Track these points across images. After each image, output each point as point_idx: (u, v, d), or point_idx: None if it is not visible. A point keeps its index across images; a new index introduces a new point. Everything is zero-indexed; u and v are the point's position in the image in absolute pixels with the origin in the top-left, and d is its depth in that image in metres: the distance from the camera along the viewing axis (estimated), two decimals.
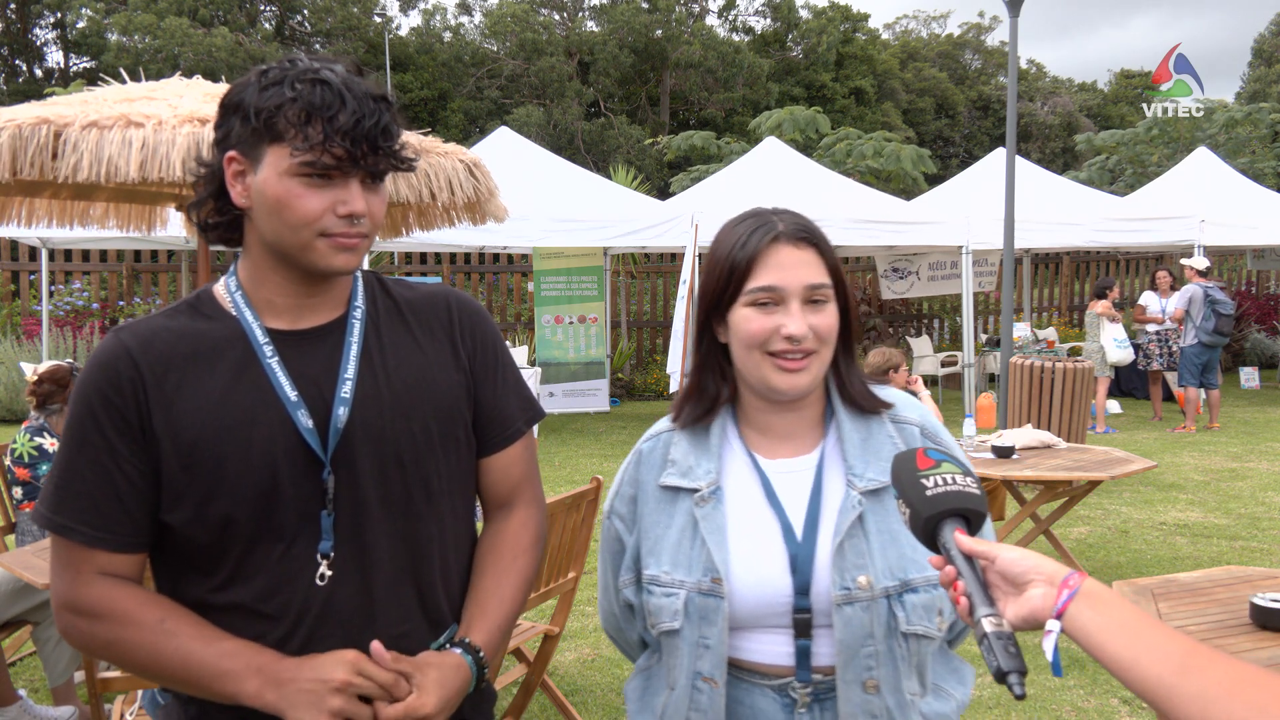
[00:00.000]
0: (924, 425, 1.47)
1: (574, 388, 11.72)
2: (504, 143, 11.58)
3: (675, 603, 1.40)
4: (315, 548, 1.32)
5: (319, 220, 1.28)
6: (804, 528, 1.40)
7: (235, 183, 1.32)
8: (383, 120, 1.28)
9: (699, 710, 1.40)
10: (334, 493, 1.32)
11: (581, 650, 4.39)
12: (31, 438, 4.33)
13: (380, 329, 1.41)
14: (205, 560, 1.32)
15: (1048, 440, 5.43)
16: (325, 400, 1.33)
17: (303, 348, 1.35)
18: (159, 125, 3.59)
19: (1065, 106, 36.84)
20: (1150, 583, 2.94)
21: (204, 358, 1.32)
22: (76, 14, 27.24)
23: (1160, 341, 10.65)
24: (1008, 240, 8.38)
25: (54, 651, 3.68)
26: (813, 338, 1.38)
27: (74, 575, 1.30)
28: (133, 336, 1.32)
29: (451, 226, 5.25)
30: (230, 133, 1.32)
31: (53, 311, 11.88)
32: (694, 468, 1.45)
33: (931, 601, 1.37)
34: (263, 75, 1.30)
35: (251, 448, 1.29)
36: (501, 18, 30.12)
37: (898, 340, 14.98)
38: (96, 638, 1.30)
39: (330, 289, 1.39)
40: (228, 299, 1.37)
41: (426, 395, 1.40)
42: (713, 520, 1.41)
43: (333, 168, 1.26)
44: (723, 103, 30.45)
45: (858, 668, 1.35)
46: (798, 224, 1.43)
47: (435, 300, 1.48)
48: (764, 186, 11.21)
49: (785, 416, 1.47)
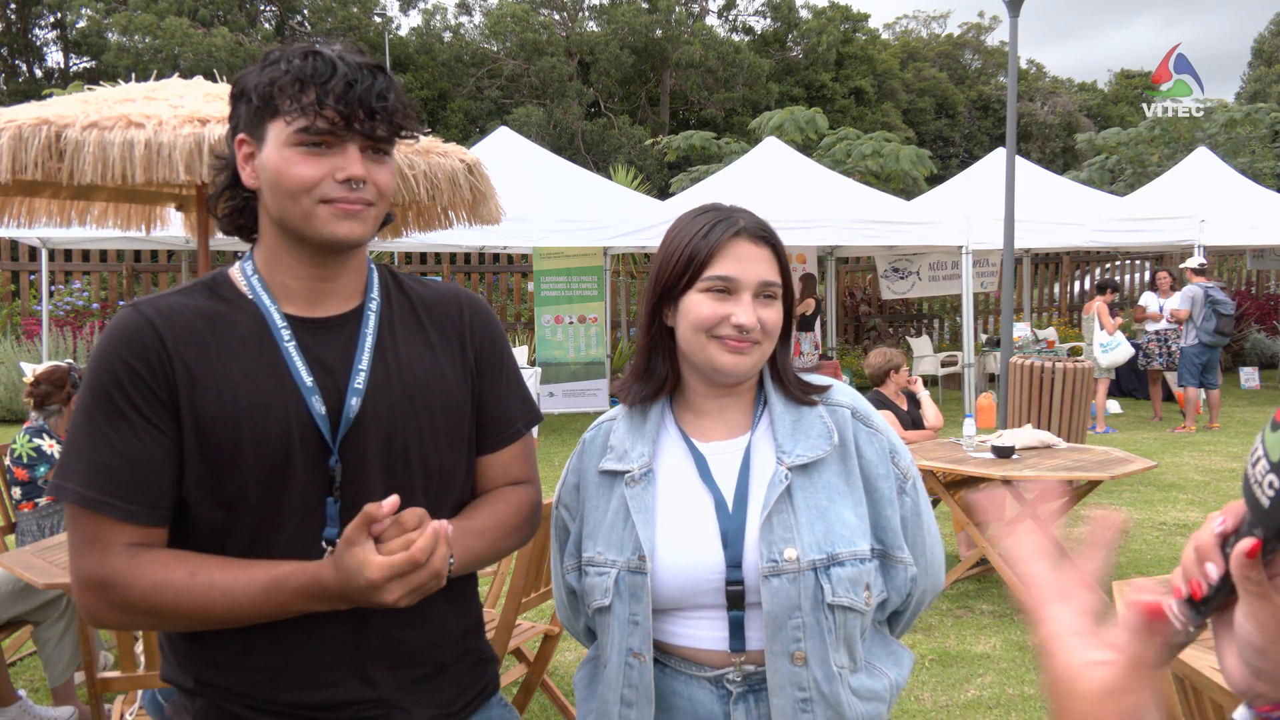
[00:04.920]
0: (855, 408, 1.51)
1: (574, 388, 11.72)
2: (504, 143, 11.58)
3: (606, 581, 1.45)
4: (320, 534, 1.32)
5: (318, 186, 1.29)
6: (734, 502, 1.45)
7: (245, 165, 1.35)
8: (377, 85, 1.29)
9: (631, 686, 1.45)
10: (340, 481, 1.33)
11: (581, 650, 4.40)
12: (31, 439, 4.34)
13: (394, 323, 1.43)
14: (211, 540, 1.32)
15: (1048, 440, 5.43)
16: (339, 389, 1.35)
17: (319, 335, 1.37)
18: (159, 125, 3.59)
19: (1065, 106, 36.84)
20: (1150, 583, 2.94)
21: (223, 338, 1.32)
22: (76, 14, 27.24)
23: (1160, 341, 10.64)
24: (1008, 240, 8.37)
25: (54, 651, 3.68)
26: (759, 330, 1.45)
27: (102, 552, 1.27)
28: (154, 311, 1.32)
29: (450, 227, 5.25)
30: (239, 118, 1.35)
31: (53, 311, 11.88)
32: (628, 451, 1.51)
33: (858, 575, 1.41)
34: (264, 59, 1.34)
35: (268, 430, 1.30)
36: (501, 18, 30.11)
37: (898, 340, 14.98)
38: (130, 607, 1.27)
39: (343, 271, 1.39)
40: (244, 282, 1.38)
41: (435, 391, 1.42)
42: (641, 500, 1.46)
43: (327, 132, 1.28)
44: (723, 103, 30.45)
45: (785, 639, 1.39)
46: (758, 223, 1.50)
47: (447, 298, 1.50)
48: (764, 186, 11.21)
49: (721, 401, 1.52)
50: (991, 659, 4.27)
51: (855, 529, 1.43)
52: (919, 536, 1.50)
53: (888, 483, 1.47)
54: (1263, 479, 0.73)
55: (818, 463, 1.44)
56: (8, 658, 4.04)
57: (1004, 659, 4.27)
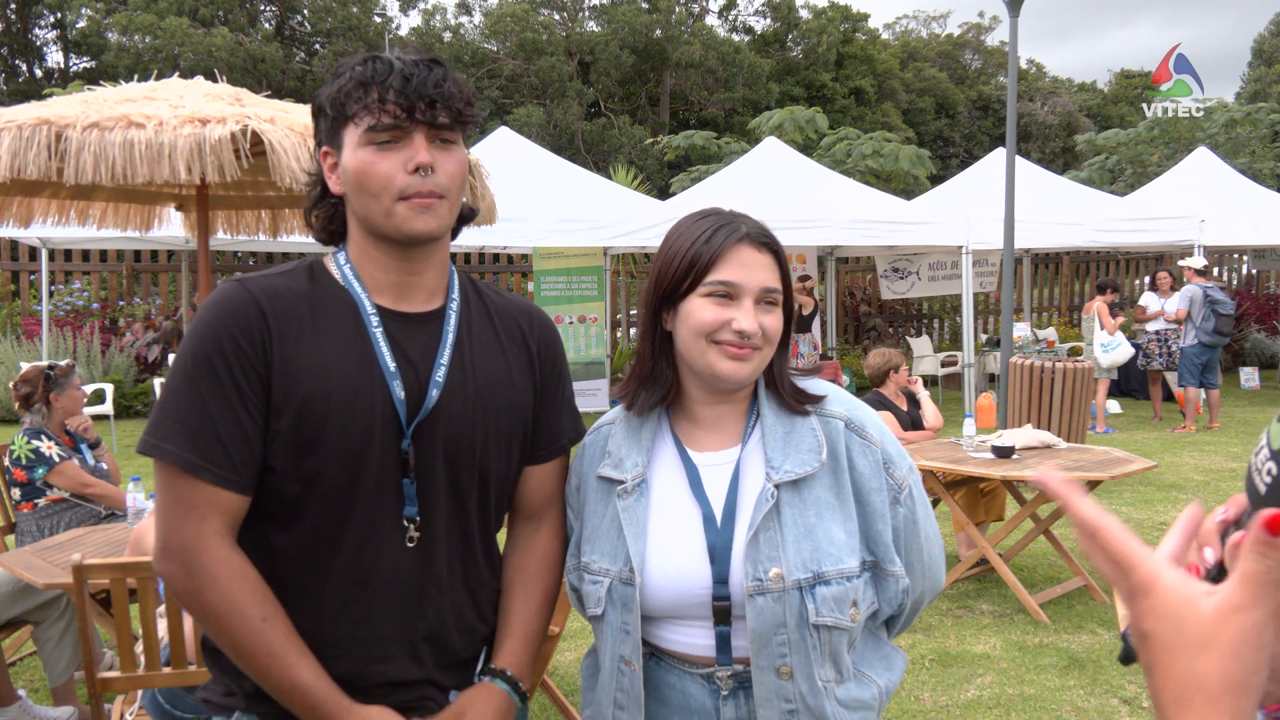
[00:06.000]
0: (849, 419, 1.50)
1: (574, 388, 11.68)
2: (504, 143, 11.57)
3: (599, 590, 1.48)
4: (399, 513, 1.41)
5: (394, 181, 1.36)
6: (723, 518, 1.46)
7: (330, 175, 1.44)
8: (433, 75, 1.36)
9: (622, 690, 1.48)
10: (414, 464, 1.41)
11: (581, 650, 4.39)
12: (29, 440, 4.34)
13: (471, 326, 1.51)
14: (286, 511, 1.38)
15: (1048, 440, 5.43)
16: (420, 380, 1.42)
17: (405, 327, 1.44)
18: (160, 126, 3.59)
19: (1065, 106, 36.84)
20: None
21: (319, 321, 1.40)
22: (76, 14, 27.24)
23: (1160, 341, 10.64)
24: (1008, 240, 8.37)
25: (54, 651, 3.68)
26: (760, 335, 1.45)
27: (199, 522, 1.33)
28: (259, 288, 1.39)
29: None
30: (321, 134, 1.45)
31: (53, 311, 11.88)
32: (624, 459, 1.52)
33: (844, 594, 1.41)
34: (334, 73, 1.43)
35: (355, 410, 1.37)
36: (501, 18, 30.11)
37: (898, 340, 14.98)
38: (196, 600, 1.33)
39: (427, 266, 1.46)
40: (337, 272, 1.46)
41: (503, 396, 1.50)
42: (633, 513, 1.48)
43: (393, 126, 1.34)
44: (723, 103, 30.45)
45: (770, 655, 1.40)
46: (760, 229, 1.50)
47: (519, 311, 1.59)
48: (764, 186, 11.21)
49: (717, 408, 1.52)
50: (991, 659, 4.27)
51: (843, 546, 1.42)
52: (914, 545, 1.49)
53: (880, 496, 1.46)
54: (1262, 466, 0.74)
55: (807, 478, 1.44)
56: (8, 658, 4.04)
57: (1004, 659, 4.27)
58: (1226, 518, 0.78)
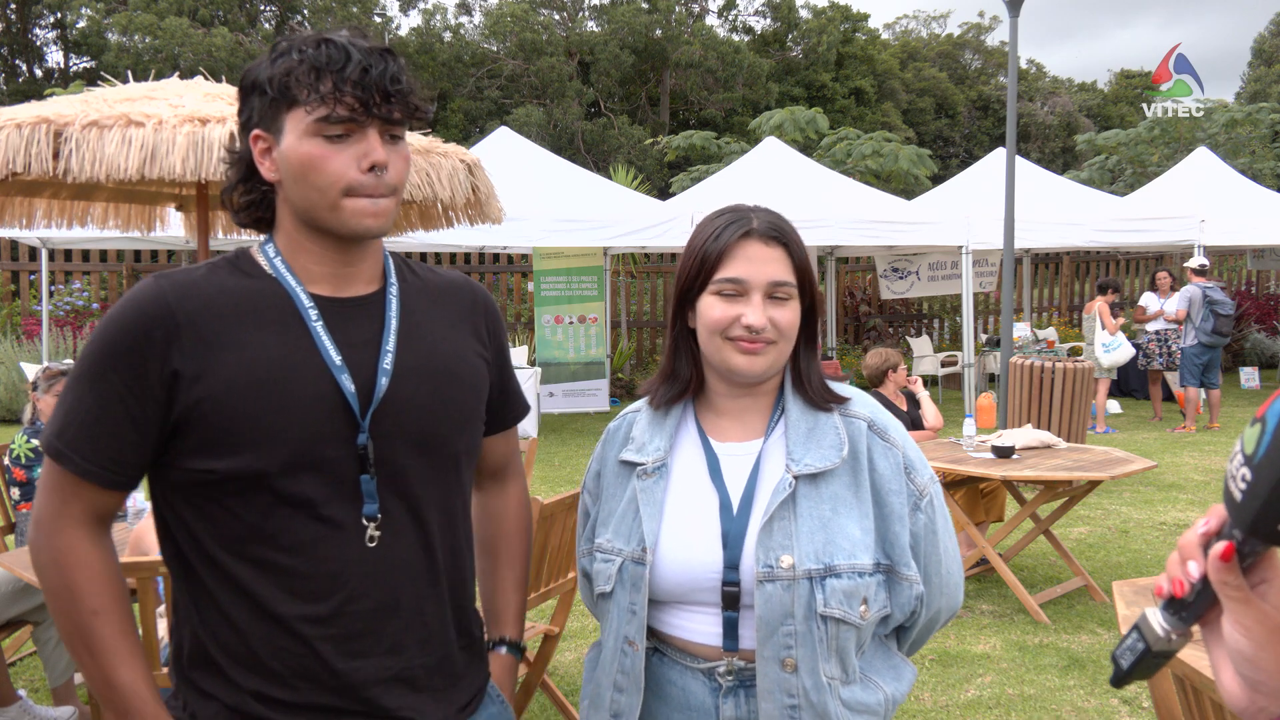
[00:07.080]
0: (872, 420, 1.51)
1: (574, 388, 11.72)
2: (504, 143, 11.58)
3: (611, 568, 1.49)
4: (359, 511, 1.34)
5: (344, 177, 1.30)
6: (739, 505, 1.46)
7: (263, 160, 1.35)
8: (390, 68, 1.30)
9: (624, 672, 1.49)
10: (374, 458, 1.35)
11: (581, 650, 4.39)
12: (29, 439, 4.35)
13: (413, 307, 1.45)
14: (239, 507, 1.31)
15: (1048, 440, 5.43)
16: (368, 369, 1.36)
17: (345, 315, 1.38)
18: (159, 125, 3.59)
19: (1065, 106, 36.84)
20: (1150, 583, 2.94)
21: (246, 312, 1.33)
22: (76, 14, 27.23)
23: (1160, 341, 10.64)
24: (1008, 240, 8.37)
25: (54, 651, 3.68)
26: (772, 330, 1.45)
27: (60, 504, 1.33)
28: (172, 285, 1.32)
29: (450, 227, 5.25)
30: (252, 113, 1.35)
31: (53, 311, 11.88)
32: (646, 444, 1.54)
33: (855, 589, 1.40)
34: (272, 50, 1.34)
35: (291, 401, 1.30)
36: (501, 18, 30.09)
37: (898, 340, 14.98)
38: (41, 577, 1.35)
39: (364, 257, 1.41)
40: (266, 263, 1.38)
41: (459, 373, 1.46)
42: (651, 494, 1.49)
43: (347, 119, 1.28)
44: (723, 103, 30.43)
45: (776, 645, 1.39)
46: (771, 223, 1.49)
47: (459, 287, 1.54)
48: (764, 186, 11.20)
49: (741, 401, 1.54)
50: (991, 659, 4.27)
51: (858, 542, 1.42)
52: (933, 554, 1.48)
53: (899, 498, 1.45)
54: (1237, 473, 0.73)
55: (826, 473, 1.44)
56: (8, 658, 4.04)
57: (1004, 659, 4.27)
58: (1208, 529, 0.77)
